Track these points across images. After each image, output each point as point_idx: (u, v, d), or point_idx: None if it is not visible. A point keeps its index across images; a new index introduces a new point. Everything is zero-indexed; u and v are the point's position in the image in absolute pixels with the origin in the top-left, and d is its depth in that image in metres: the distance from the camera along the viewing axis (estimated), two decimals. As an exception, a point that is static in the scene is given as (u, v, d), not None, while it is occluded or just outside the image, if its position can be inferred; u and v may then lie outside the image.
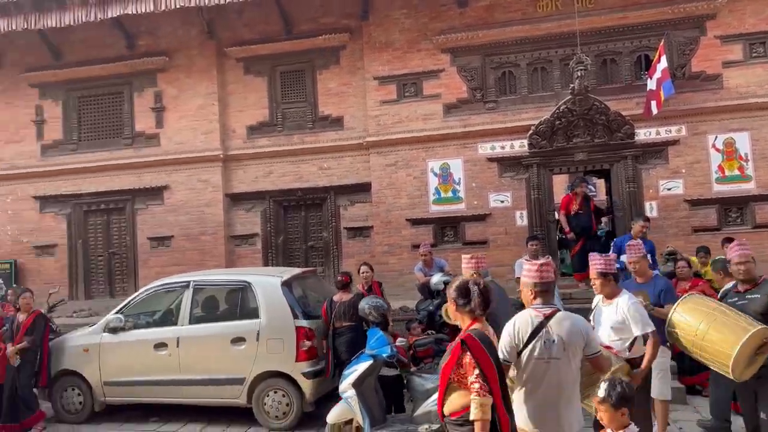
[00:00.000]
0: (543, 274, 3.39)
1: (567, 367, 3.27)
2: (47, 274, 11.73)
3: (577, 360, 3.32)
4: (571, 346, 3.27)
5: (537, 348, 3.25)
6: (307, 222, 11.30)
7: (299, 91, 11.22)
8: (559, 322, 3.30)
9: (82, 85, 11.84)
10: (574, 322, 3.35)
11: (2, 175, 12.04)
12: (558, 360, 3.24)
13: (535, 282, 3.40)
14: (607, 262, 4.41)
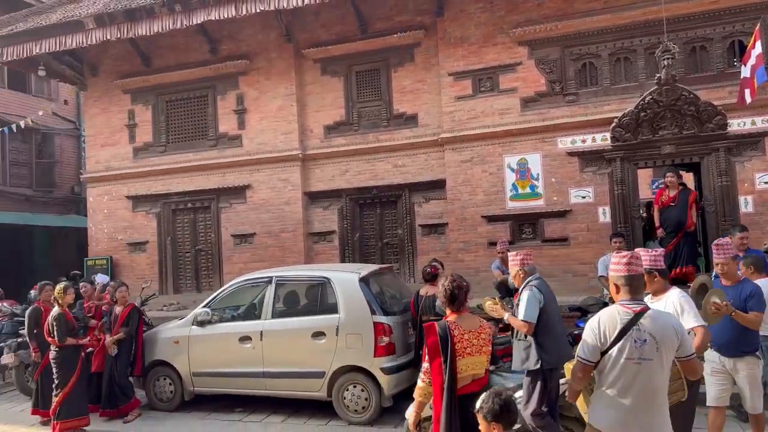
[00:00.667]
0: (631, 267, 3.17)
1: (660, 370, 3.06)
2: (139, 270, 12.43)
3: (669, 362, 3.10)
4: (664, 346, 3.04)
5: (627, 348, 3.04)
6: (383, 219, 11.39)
7: (374, 89, 11.32)
8: (651, 319, 3.07)
9: (170, 89, 12.45)
10: (668, 321, 3.16)
11: (99, 177, 12.85)
12: (650, 361, 3.02)
13: (623, 275, 3.17)
14: (653, 258, 4.16)
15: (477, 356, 3.59)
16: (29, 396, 8.04)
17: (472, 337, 3.58)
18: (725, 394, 4.89)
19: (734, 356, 4.76)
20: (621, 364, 3.06)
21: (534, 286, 4.98)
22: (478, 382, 3.61)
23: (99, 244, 12.87)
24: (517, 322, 4.90)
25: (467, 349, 3.54)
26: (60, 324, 6.70)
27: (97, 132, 13.01)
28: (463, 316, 3.65)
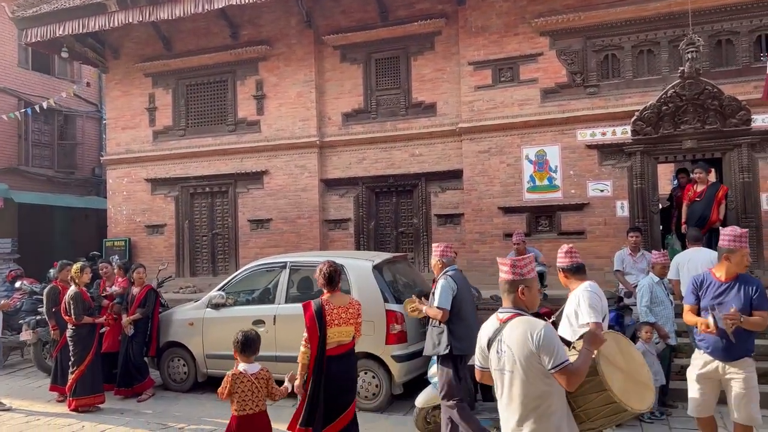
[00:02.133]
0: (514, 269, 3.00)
1: (525, 381, 2.84)
2: (157, 252, 12.58)
3: (536, 371, 2.82)
4: (522, 357, 2.83)
5: (493, 358, 2.97)
6: (398, 208, 11.38)
7: (393, 77, 11.27)
8: (510, 329, 2.89)
9: (190, 73, 12.52)
10: (525, 331, 2.85)
11: (119, 159, 13.00)
12: (511, 373, 2.87)
13: (500, 281, 3.03)
14: (567, 255, 4.18)
15: (344, 326, 4.48)
16: (46, 373, 8.21)
17: (341, 311, 4.48)
18: (713, 402, 4.46)
19: (731, 360, 4.27)
20: (495, 375, 2.99)
21: (449, 276, 5.28)
22: (344, 347, 4.53)
23: (118, 226, 13.04)
24: (433, 311, 5.19)
25: (335, 321, 4.43)
26: (77, 303, 6.82)
27: (118, 115, 13.13)
28: (336, 295, 4.56)
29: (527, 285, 2.98)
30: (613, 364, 2.99)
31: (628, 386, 2.96)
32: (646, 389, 3.07)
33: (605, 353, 2.99)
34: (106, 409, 6.90)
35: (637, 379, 3.06)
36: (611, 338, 3.13)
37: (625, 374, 3.02)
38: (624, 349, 3.14)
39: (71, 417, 6.62)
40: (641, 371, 3.13)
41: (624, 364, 3.06)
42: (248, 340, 4.13)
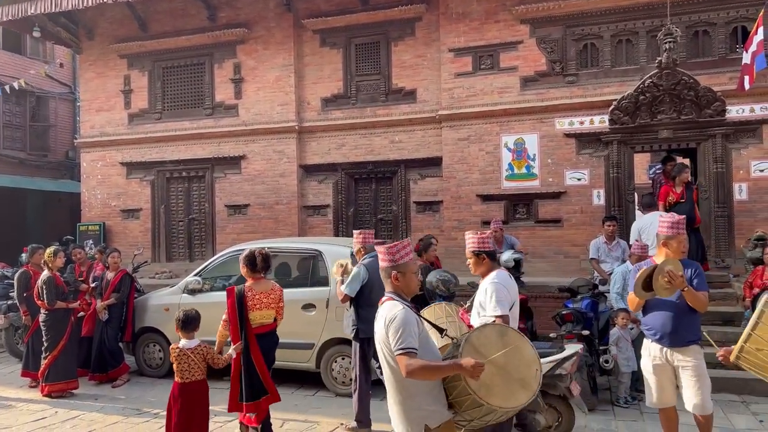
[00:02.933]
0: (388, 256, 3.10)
1: (386, 362, 2.98)
2: (132, 237, 12.41)
3: (390, 355, 2.94)
4: (380, 339, 2.99)
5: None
6: (378, 195, 11.37)
7: (373, 63, 11.20)
8: (380, 312, 3.04)
9: (167, 56, 12.29)
10: (385, 313, 2.97)
11: (93, 142, 12.75)
12: (380, 351, 3.03)
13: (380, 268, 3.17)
14: (479, 240, 4.09)
15: (265, 310, 4.96)
16: (19, 358, 8.09)
17: (263, 296, 4.94)
18: (671, 391, 4.41)
19: (678, 347, 4.27)
20: None
21: (363, 265, 5.55)
22: (267, 327, 5.01)
23: (92, 210, 12.83)
24: (339, 292, 5.56)
25: (257, 305, 4.90)
26: (49, 287, 6.71)
27: (92, 97, 12.86)
28: (259, 282, 5.00)
29: (400, 270, 3.07)
30: (483, 356, 2.87)
31: (495, 381, 2.88)
32: (522, 389, 2.94)
33: (476, 344, 2.93)
34: (80, 394, 6.82)
35: (513, 377, 2.94)
36: (496, 331, 3.06)
37: (499, 369, 2.91)
38: (511, 344, 2.99)
39: (44, 402, 6.54)
40: (524, 370, 2.97)
41: (503, 358, 2.93)
42: (188, 319, 4.58)
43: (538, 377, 2.98)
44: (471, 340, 2.96)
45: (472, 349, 2.91)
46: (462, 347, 2.92)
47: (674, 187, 8.18)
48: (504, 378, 2.91)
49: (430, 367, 2.86)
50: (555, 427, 5.11)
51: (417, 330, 2.92)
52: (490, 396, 2.83)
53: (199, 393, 4.57)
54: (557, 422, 5.12)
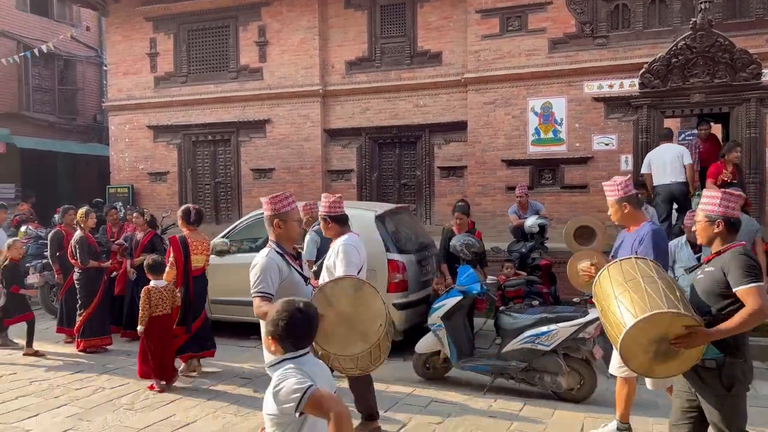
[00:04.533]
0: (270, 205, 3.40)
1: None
2: (160, 199, 12.62)
3: None
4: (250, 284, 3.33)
5: None
6: (401, 159, 11.34)
7: (398, 25, 11.04)
8: None
9: (192, 18, 12.27)
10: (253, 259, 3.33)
11: (120, 105, 12.89)
12: None
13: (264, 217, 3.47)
14: (329, 205, 4.25)
15: (200, 255, 5.98)
16: (54, 315, 8.36)
17: (197, 244, 5.95)
18: None
19: None
20: None
21: (314, 230, 5.99)
22: (200, 270, 6.05)
23: (121, 173, 13.04)
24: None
25: (194, 250, 5.91)
26: (82, 247, 6.89)
27: (119, 60, 12.94)
28: (194, 232, 5.97)
29: (282, 219, 3.34)
30: (332, 306, 3.02)
31: (337, 330, 3.00)
32: (361, 340, 3.03)
33: (328, 294, 3.08)
34: (114, 350, 7.05)
35: (357, 328, 3.04)
36: (350, 284, 3.18)
37: (344, 319, 3.04)
38: (362, 299, 3.10)
39: (79, 357, 6.78)
40: (368, 324, 3.06)
41: (351, 310, 3.06)
42: (156, 264, 5.68)
43: (380, 332, 3.07)
44: (324, 289, 3.14)
45: (322, 297, 3.06)
46: (315, 295, 3.11)
47: (725, 166, 7.63)
48: (347, 328, 3.05)
49: None
50: (577, 390, 5.17)
51: (277, 276, 3.21)
52: (328, 343, 2.99)
53: (168, 324, 5.62)
54: (579, 385, 5.17)
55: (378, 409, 4.43)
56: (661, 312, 2.79)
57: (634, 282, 2.98)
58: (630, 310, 2.87)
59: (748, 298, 2.83)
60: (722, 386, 2.95)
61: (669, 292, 2.87)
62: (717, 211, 3.05)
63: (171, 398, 5.22)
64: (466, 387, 5.49)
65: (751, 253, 3.01)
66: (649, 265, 3.09)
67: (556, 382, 5.16)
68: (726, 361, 2.94)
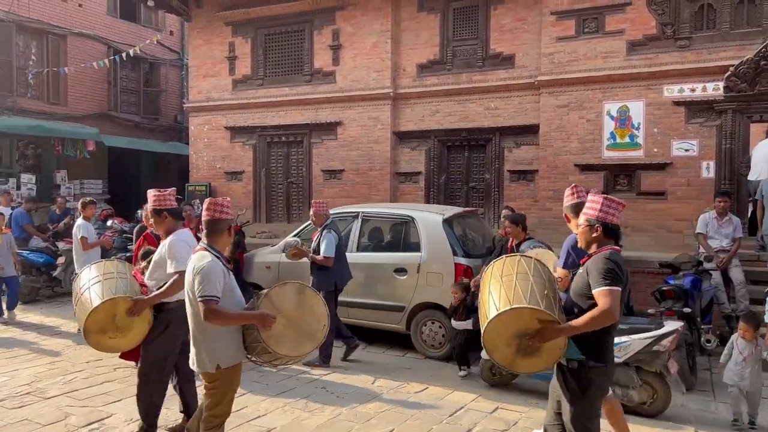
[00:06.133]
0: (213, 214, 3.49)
1: (191, 308, 3.41)
2: (235, 198, 13.05)
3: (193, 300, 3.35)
4: (187, 286, 3.39)
5: None
6: (470, 163, 11.28)
7: (471, 28, 10.99)
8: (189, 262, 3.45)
9: (269, 23, 12.65)
10: (193, 264, 3.37)
11: (200, 107, 13.45)
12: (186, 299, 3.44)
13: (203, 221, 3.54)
14: (158, 197, 4.25)
15: None
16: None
17: None
18: None
19: None
20: None
21: (332, 230, 6.44)
22: None
23: (199, 171, 13.61)
24: (320, 258, 6.26)
25: None
26: (164, 242, 7.26)
27: (199, 63, 13.51)
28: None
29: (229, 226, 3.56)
30: (279, 310, 3.33)
31: (286, 333, 3.36)
32: (309, 341, 3.46)
33: (273, 299, 3.37)
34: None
35: (303, 330, 3.44)
36: (293, 289, 3.48)
37: (291, 322, 3.39)
38: (305, 301, 3.49)
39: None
40: (314, 325, 3.49)
41: (296, 313, 3.43)
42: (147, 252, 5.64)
43: (324, 331, 3.53)
44: (270, 294, 3.39)
45: (268, 302, 3.34)
46: (260, 300, 3.35)
47: None
48: (295, 330, 3.40)
49: (226, 315, 3.30)
50: (649, 404, 5.01)
51: (222, 280, 3.33)
52: (279, 346, 3.32)
53: None
54: (652, 399, 5.01)
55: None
56: (521, 307, 2.95)
57: (509, 278, 3.15)
58: (496, 304, 3.05)
59: (600, 299, 2.96)
60: (578, 388, 3.09)
61: (537, 290, 3.02)
62: (597, 216, 3.19)
63: (241, 392, 5.42)
64: (533, 394, 5.42)
65: (616, 258, 3.08)
66: (530, 264, 3.23)
67: (628, 395, 5.02)
68: (587, 364, 3.06)
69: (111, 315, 3.91)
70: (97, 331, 3.93)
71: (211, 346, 3.38)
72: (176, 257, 4.02)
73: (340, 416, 4.84)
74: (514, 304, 2.96)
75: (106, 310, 3.89)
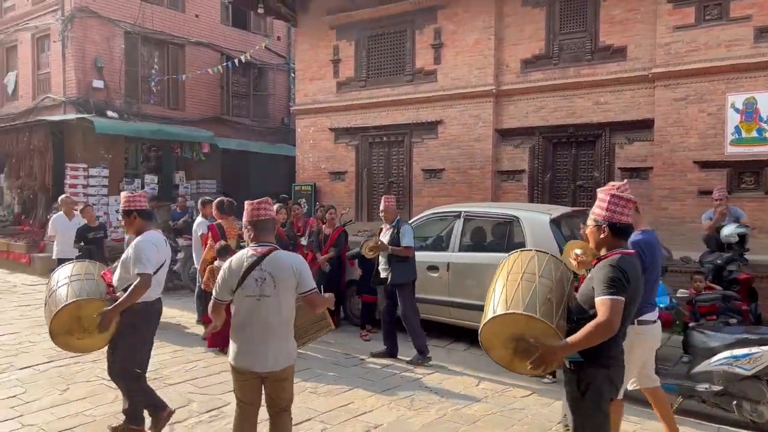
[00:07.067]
0: (259, 213, 3.48)
1: (276, 305, 3.36)
2: (338, 197, 13.41)
3: (288, 299, 3.40)
4: (280, 283, 3.35)
5: (249, 285, 3.35)
6: (578, 160, 10.85)
7: (579, 20, 10.57)
8: (272, 260, 3.38)
9: (372, 25, 12.86)
10: (287, 260, 3.43)
11: (306, 109, 13.91)
12: (268, 298, 3.35)
13: (250, 221, 3.48)
14: (128, 198, 4.32)
15: (232, 239, 6.89)
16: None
17: (230, 230, 6.99)
18: None
19: None
20: (245, 301, 3.37)
21: (407, 223, 6.85)
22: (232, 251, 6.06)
23: (305, 172, 14.08)
24: (402, 250, 6.46)
25: (228, 235, 6.92)
26: (274, 240, 7.57)
27: (305, 67, 13.97)
28: (227, 220, 7.08)
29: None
30: None
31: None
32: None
33: None
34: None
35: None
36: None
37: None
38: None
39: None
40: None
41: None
42: (223, 248, 6.52)
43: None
44: None
45: None
46: None
47: None
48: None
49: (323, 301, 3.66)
50: (783, 423, 4.58)
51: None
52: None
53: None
54: (786, 418, 4.57)
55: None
56: (516, 313, 2.87)
57: (514, 276, 3.05)
58: (494, 305, 2.98)
59: (600, 309, 2.78)
60: (578, 389, 2.94)
61: (539, 294, 2.91)
62: (604, 216, 2.99)
63: (348, 386, 5.54)
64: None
65: (625, 264, 2.86)
66: (543, 262, 3.10)
67: (757, 411, 4.62)
68: (584, 367, 2.91)
69: (75, 317, 4.01)
70: (64, 333, 4.05)
71: (292, 339, 3.54)
72: (140, 259, 4.05)
73: (444, 417, 4.82)
74: (510, 309, 2.90)
75: (70, 312, 3.99)
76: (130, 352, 4.18)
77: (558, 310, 2.91)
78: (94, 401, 5.11)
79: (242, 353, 3.40)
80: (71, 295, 4.04)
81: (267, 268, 3.35)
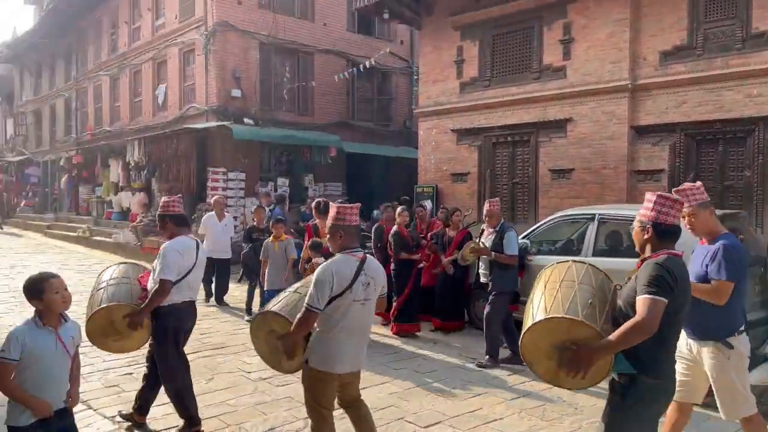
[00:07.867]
0: (352, 218, 3.52)
1: (372, 308, 3.55)
2: (460, 199, 13.28)
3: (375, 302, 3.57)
4: (378, 287, 3.52)
5: (357, 290, 3.37)
6: (726, 159, 9.92)
7: (727, 6, 9.68)
8: (371, 265, 3.50)
9: (496, 23, 12.61)
10: (379, 266, 3.63)
11: (429, 111, 13.94)
12: (369, 301, 3.47)
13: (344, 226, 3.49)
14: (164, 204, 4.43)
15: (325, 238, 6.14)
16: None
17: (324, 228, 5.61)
18: (685, 387, 3.70)
19: (699, 339, 3.67)
20: (352, 307, 3.38)
21: (512, 228, 6.64)
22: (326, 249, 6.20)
23: (427, 174, 14.11)
24: (506, 258, 6.38)
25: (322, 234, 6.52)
26: (396, 240, 7.65)
27: (428, 69, 14.00)
28: (322, 220, 6.49)
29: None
30: None
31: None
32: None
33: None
34: (422, 337, 7.67)
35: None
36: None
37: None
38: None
39: (393, 339, 7.54)
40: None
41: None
42: (315, 243, 6.78)
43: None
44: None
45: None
46: None
47: None
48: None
49: None
50: None
51: None
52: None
53: None
54: None
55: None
56: (555, 317, 2.71)
57: (553, 285, 2.92)
58: (534, 314, 2.83)
59: (639, 308, 2.65)
60: (622, 398, 2.79)
61: (581, 299, 2.77)
62: (649, 216, 2.89)
63: (477, 391, 5.44)
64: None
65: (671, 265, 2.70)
66: (581, 271, 2.99)
67: None
68: (638, 379, 2.74)
69: (108, 321, 4.13)
70: (99, 335, 4.19)
71: None
72: (162, 264, 4.11)
73: (579, 430, 4.58)
74: (550, 314, 2.75)
75: (103, 316, 4.11)
76: (166, 355, 4.35)
77: (602, 314, 2.78)
78: (235, 392, 5.43)
79: (350, 358, 3.44)
80: (105, 299, 4.19)
81: (369, 272, 3.47)
